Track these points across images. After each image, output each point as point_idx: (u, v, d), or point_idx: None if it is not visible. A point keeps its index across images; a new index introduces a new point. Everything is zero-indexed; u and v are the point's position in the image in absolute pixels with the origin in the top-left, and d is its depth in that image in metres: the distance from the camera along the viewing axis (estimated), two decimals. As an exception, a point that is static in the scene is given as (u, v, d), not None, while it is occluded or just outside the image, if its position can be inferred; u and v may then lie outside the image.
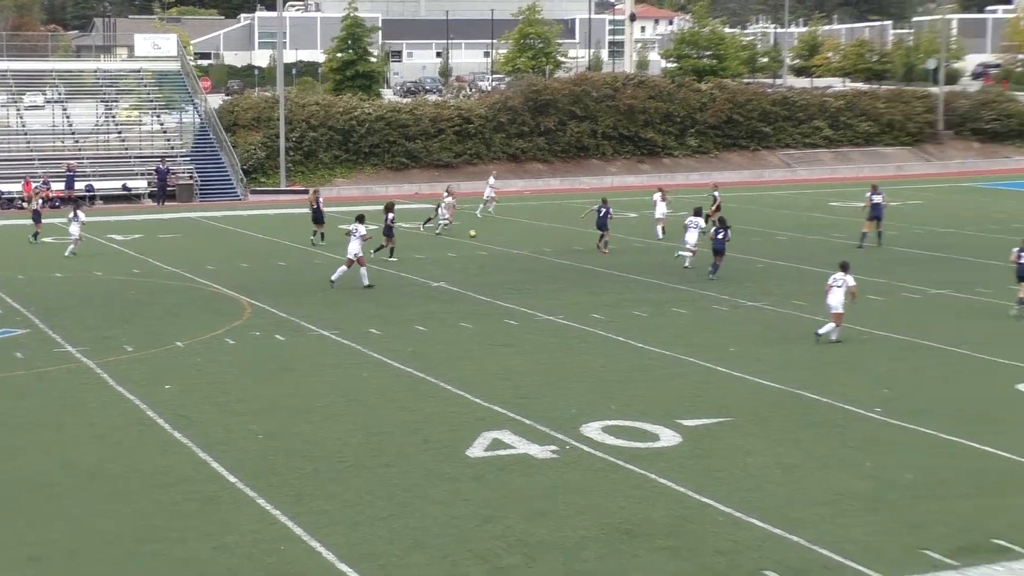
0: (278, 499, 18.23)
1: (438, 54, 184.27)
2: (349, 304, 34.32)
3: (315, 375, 26.13)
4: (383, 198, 66.85)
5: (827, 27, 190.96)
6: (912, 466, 19.61)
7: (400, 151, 73.36)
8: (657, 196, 49.33)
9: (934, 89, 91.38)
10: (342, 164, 72.76)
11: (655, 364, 26.90)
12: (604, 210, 43.92)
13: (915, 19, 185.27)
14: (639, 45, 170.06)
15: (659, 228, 47.86)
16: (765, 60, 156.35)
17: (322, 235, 46.57)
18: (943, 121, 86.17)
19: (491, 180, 59.90)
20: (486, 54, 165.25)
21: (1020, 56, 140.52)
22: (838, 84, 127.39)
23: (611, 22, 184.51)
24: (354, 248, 36.57)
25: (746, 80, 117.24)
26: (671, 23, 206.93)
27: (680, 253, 40.29)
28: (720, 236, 37.97)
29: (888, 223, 46.90)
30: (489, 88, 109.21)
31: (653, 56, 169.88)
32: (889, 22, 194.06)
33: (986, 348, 28.07)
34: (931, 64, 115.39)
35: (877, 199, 45.22)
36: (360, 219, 37.19)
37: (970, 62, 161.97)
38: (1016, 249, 32.81)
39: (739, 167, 78.55)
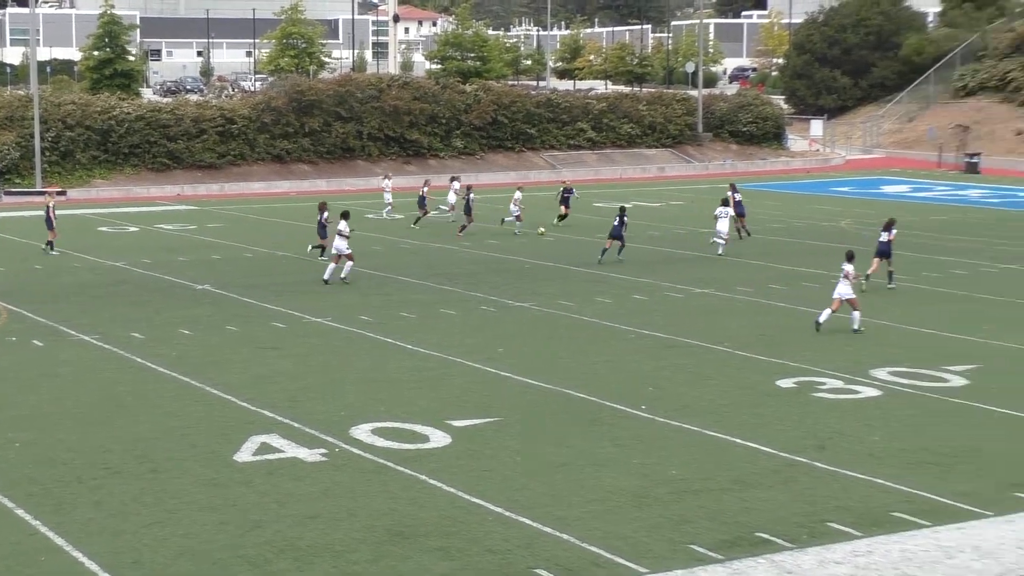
0: (38, 509, 17.71)
1: (199, 53, 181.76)
2: (109, 308, 33.57)
3: (76, 381, 25.47)
4: (144, 199, 65.78)
5: (589, 30, 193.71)
6: (677, 462, 19.96)
7: (161, 152, 71.97)
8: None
9: (693, 92, 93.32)
10: (101, 165, 71.05)
11: (424, 365, 26.90)
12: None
13: (674, 23, 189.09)
14: (403, 46, 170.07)
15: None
16: (528, 62, 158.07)
17: (51, 243, 44.81)
18: (702, 123, 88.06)
19: (386, 182, 58.11)
20: (248, 54, 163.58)
21: (774, 60, 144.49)
22: (600, 87, 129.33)
23: (374, 23, 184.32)
24: (339, 245, 37.14)
25: (510, 82, 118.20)
26: (435, 24, 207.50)
27: (714, 240, 43.80)
28: (617, 223, 41.62)
29: (650, 224, 47.67)
30: (252, 88, 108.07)
31: (417, 57, 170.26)
32: (649, 26, 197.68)
33: (747, 346, 28.73)
34: (690, 67, 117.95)
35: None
36: (344, 215, 37.70)
37: (727, 66, 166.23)
38: (882, 229, 36.85)
39: (505, 168, 79.06)
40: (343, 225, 37.35)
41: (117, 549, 16.25)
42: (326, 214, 41.69)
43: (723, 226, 43.36)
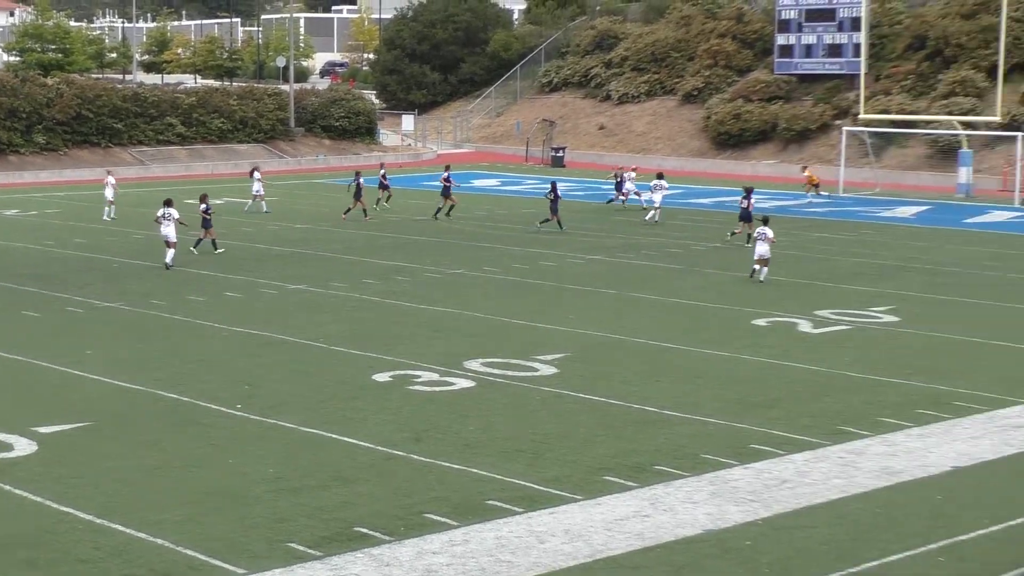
0: None
1: None
2: None
3: None
4: None
5: (176, 23, 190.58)
6: (274, 460, 19.79)
7: None
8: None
9: (285, 87, 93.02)
10: None
11: (5, 371, 25.84)
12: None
13: (264, 17, 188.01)
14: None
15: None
16: (114, 55, 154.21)
17: None
18: (295, 118, 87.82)
19: (257, 175, 56.13)
20: None
21: (366, 55, 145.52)
22: (190, 81, 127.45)
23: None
24: (170, 231, 38.74)
25: (95, 75, 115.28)
26: (12, 15, 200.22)
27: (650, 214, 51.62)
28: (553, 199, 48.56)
29: (243, 219, 47.14)
30: None
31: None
32: (238, 20, 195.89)
33: (342, 340, 28.77)
34: (281, 62, 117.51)
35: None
36: (168, 203, 39.20)
37: (319, 60, 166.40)
38: (740, 198, 45.68)
39: (92, 164, 76.85)
40: (173, 211, 39.02)
41: None
42: (205, 205, 42.25)
43: (657, 197, 51.31)
